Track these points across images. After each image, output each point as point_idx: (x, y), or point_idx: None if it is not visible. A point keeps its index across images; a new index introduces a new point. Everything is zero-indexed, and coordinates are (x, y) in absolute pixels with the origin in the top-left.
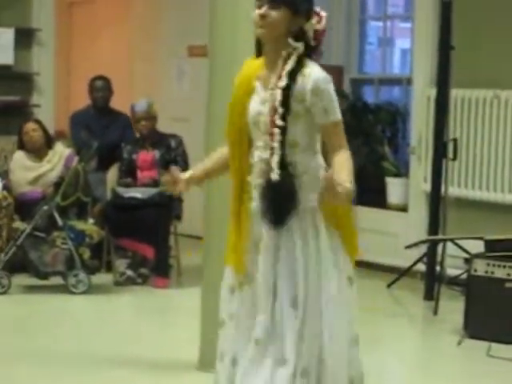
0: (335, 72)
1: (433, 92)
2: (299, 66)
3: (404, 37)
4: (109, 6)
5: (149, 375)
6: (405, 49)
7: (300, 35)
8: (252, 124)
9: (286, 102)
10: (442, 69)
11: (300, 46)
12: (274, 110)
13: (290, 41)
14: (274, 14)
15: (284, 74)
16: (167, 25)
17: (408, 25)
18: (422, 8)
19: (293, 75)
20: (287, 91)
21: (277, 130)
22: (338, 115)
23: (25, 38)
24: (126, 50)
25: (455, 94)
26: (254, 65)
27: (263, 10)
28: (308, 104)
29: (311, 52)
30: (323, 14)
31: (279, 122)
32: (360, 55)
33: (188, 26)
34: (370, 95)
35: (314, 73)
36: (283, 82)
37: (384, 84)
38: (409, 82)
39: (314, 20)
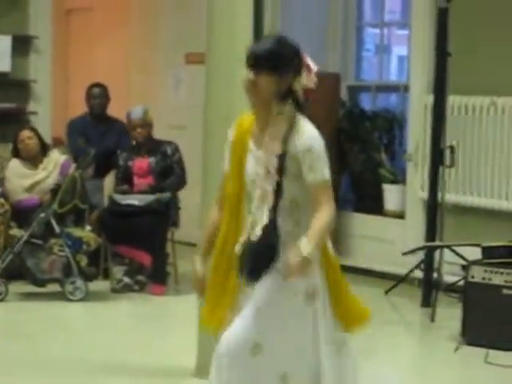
0: (332, 79)
1: (430, 99)
2: (291, 127)
3: (401, 44)
4: (106, 14)
5: (145, 382)
6: (402, 56)
7: (289, 94)
8: (250, 185)
9: (280, 168)
10: (438, 75)
11: (290, 108)
12: (267, 175)
13: (280, 105)
14: (261, 80)
15: (277, 139)
16: (164, 32)
17: (405, 32)
18: (418, 15)
19: (286, 140)
20: (282, 158)
21: (269, 197)
22: (324, 175)
23: (22, 45)
24: (123, 58)
25: (452, 100)
26: (247, 122)
27: (250, 77)
28: (300, 162)
29: (301, 108)
30: (314, 68)
31: (270, 189)
32: (357, 62)
33: (185, 33)
34: (366, 102)
35: (305, 132)
36: (278, 150)
37: (381, 91)
38: (406, 88)
39: (304, 74)
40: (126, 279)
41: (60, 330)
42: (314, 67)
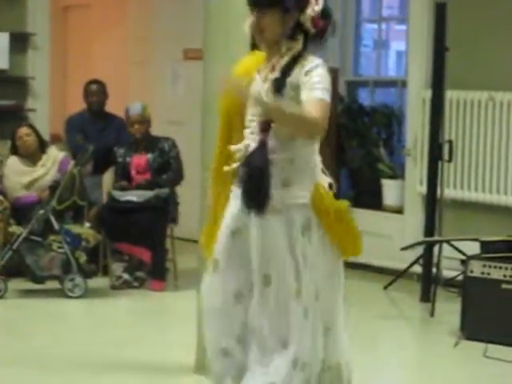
0: (330, 74)
1: (428, 94)
2: (296, 60)
3: (399, 39)
4: (104, 10)
5: (145, 378)
6: (400, 51)
7: (297, 29)
8: (251, 117)
9: (275, 91)
10: (436, 70)
11: (298, 43)
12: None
13: (289, 43)
14: (265, 21)
15: (278, 67)
16: (162, 28)
17: (403, 27)
18: (416, 10)
19: (287, 69)
20: (278, 82)
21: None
22: (322, 94)
23: (20, 42)
24: (121, 54)
25: (450, 95)
26: (255, 58)
27: (254, 18)
28: (301, 89)
29: (314, 40)
30: None
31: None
32: (355, 57)
33: (183, 29)
34: (365, 97)
35: (309, 62)
36: (275, 74)
37: (379, 86)
38: (404, 84)
39: (313, 2)
40: (126, 276)
41: (59, 327)
42: None
